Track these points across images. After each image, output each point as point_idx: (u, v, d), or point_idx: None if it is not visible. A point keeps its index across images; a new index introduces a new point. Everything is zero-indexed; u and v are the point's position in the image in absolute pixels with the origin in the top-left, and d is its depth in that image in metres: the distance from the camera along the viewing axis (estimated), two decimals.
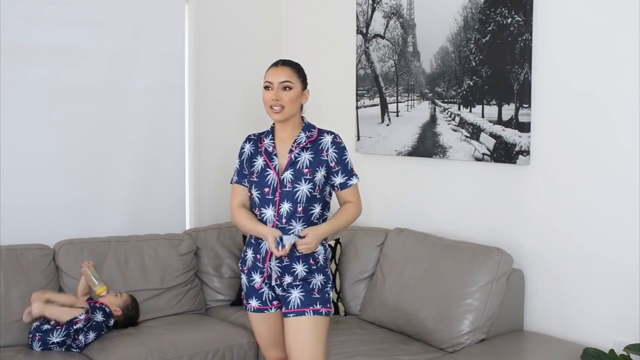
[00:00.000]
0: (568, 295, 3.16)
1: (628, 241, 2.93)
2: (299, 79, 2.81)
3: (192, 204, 4.29)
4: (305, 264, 2.74)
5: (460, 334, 3.12)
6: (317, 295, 2.73)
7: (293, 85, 2.78)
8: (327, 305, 2.75)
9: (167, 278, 3.77)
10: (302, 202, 2.72)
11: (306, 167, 2.74)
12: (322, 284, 2.76)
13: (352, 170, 2.83)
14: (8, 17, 3.58)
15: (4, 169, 3.61)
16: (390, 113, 3.96)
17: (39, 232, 3.64)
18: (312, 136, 2.80)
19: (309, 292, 2.73)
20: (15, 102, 3.64)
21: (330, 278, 2.81)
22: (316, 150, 2.77)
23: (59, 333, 3.17)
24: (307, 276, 2.74)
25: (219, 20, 4.39)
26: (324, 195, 2.80)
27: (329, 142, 2.79)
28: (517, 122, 3.29)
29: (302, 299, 2.72)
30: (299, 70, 2.83)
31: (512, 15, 3.27)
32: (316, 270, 2.76)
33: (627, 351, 2.69)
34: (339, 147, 2.81)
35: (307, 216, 2.73)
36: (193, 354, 3.28)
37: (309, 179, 2.74)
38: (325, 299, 2.75)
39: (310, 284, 2.74)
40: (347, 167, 2.81)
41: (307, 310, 2.71)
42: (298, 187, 2.73)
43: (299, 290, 2.73)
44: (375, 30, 4.00)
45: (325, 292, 2.76)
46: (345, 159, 2.81)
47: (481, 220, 3.50)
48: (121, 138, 3.97)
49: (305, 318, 2.71)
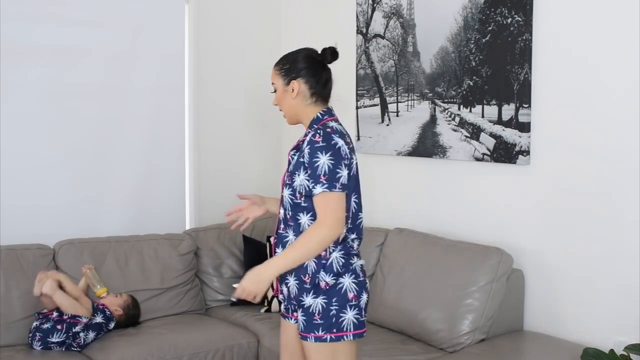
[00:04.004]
0: (568, 295, 3.16)
1: (628, 241, 2.93)
2: (279, 75, 2.48)
3: (192, 204, 4.29)
4: (297, 279, 2.41)
5: (460, 334, 3.12)
6: (319, 321, 2.37)
7: (275, 86, 2.50)
8: (334, 331, 2.36)
9: (167, 278, 3.77)
10: (288, 209, 2.44)
11: (290, 170, 2.44)
12: (323, 306, 2.37)
13: (319, 176, 2.31)
14: (8, 17, 3.58)
15: (4, 169, 3.61)
16: (390, 113, 3.96)
17: (39, 232, 3.64)
18: (308, 134, 2.43)
19: (310, 316, 2.39)
20: (15, 102, 3.64)
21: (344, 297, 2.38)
22: (300, 151, 2.41)
23: (59, 334, 3.17)
24: (300, 296, 2.41)
25: (219, 21, 4.39)
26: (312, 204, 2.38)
27: (306, 141, 2.38)
28: (517, 122, 3.29)
29: (305, 324, 2.41)
30: (280, 65, 2.50)
31: (512, 15, 3.27)
32: (310, 291, 2.39)
33: (627, 351, 2.69)
34: (313, 146, 2.33)
35: (295, 225, 2.42)
36: (193, 354, 3.28)
37: (288, 184, 2.43)
38: (332, 324, 2.36)
39: (307, 307, 2.39)
40: (316, 171, 2.31)
41: (309, 336, 2.39)
42: (284, 193, 2.46)
43: (300, 313, 2.42)
44: (375, 30, 4.00)
45: (332, 316, 2.36)
46: (316, 161, 2.32)
47: (481, 220, 3.50)
48: (121, 138, 3.98)
49: (308, 344, 2.41)
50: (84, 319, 3.23)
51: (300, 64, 2.48)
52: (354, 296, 2.39)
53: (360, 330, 2.41)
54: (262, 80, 4.67)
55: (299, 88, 2.45)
